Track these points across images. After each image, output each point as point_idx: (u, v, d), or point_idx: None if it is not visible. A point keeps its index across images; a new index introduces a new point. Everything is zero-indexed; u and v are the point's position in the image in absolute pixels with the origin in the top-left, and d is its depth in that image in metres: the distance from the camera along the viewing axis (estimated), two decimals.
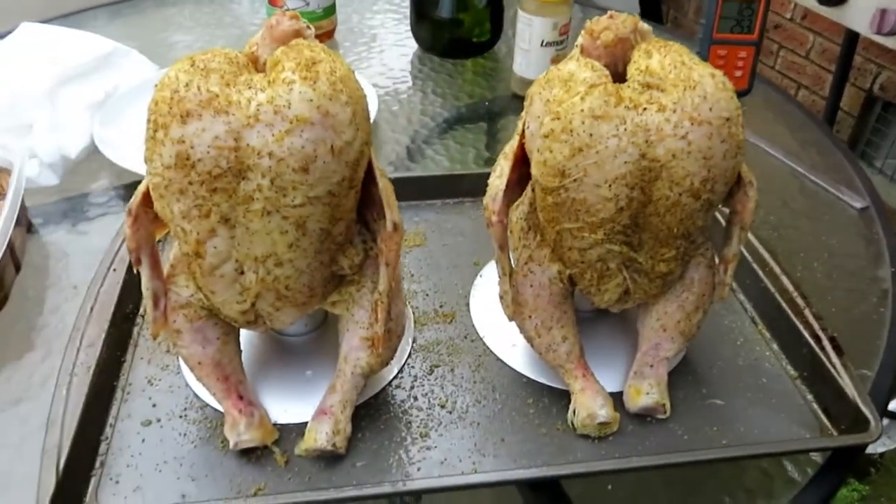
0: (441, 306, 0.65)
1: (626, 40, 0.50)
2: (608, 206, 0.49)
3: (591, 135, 0.47)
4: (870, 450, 0.54)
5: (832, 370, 0.57)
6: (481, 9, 1.05)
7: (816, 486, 0.54)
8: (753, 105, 0.96)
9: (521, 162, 0.53)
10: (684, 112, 0.46)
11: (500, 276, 0.56)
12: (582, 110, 0.46)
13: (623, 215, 0.49)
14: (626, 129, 0.46)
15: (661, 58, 0.48)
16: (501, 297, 0.57)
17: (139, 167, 0.77)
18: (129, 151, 0.80)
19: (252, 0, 1.25)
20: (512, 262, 0.57)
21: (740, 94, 0.48)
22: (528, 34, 0.93)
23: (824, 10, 1.40)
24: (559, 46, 0.94)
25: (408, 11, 1.12)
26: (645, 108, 0.46)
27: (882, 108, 1.81)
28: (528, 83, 0.95)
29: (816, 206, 0.82)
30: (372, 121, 0.72)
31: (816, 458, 0.55)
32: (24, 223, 0.74)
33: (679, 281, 0.56)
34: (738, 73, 0.85)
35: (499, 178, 0.54)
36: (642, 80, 0.48)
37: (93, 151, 0.82)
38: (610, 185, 0.48)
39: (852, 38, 1.54)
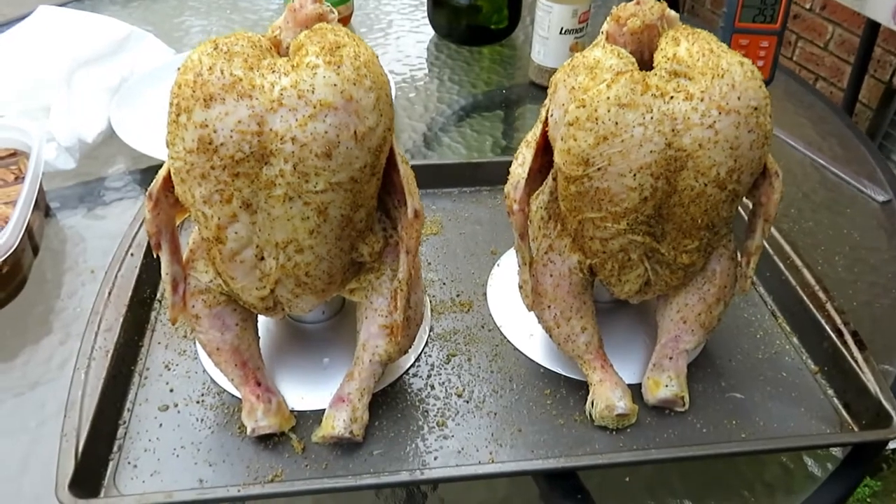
0: (458, 295, 0.65)
1: (653, 27, 0.49)
2: (632, 195, 0.48)
3: (616, 123, 0.46)
4: None
5: (854, 365, 0.56)
6: None
7: (836, 482, 0.53)
8: (774, 96, 0.93)
9: (544, 150, 0.52)
10: (712, 101, 0.45)
11: (519, 266, 0.55)
12: (608, 98, 0.46)
13: (647, 205, 0.48)
14: (652, 118, 0.46)
15: (689, 45, 0.47)
16: (520, 287, 0.56)
17: (156, 151, 0.77)
18: (145, 135, 0.80)
19: None
20: (532, 251, 0.57)
21: None
22: (546, 21, 0.92)
23: (845, 0, 1.38)
24: (578, 34, 0.93)
25: None
26: (672, 97, 0.46)
27: None
28: (546, 71, 0.95)
29: (838, 198, 0.81)
30: None
31: (836, 453, 0.55)
32: (42, 207, 0.74)
33: (700, 272, 0.55)
34: (760, 63, 0.84)
35: (521, 166, 0.53)
36: (669, 67, 0.47)
37: (110, 135, 0.82)
38: (634, 175, 0.47)
39: (873, 28, 1.52)
